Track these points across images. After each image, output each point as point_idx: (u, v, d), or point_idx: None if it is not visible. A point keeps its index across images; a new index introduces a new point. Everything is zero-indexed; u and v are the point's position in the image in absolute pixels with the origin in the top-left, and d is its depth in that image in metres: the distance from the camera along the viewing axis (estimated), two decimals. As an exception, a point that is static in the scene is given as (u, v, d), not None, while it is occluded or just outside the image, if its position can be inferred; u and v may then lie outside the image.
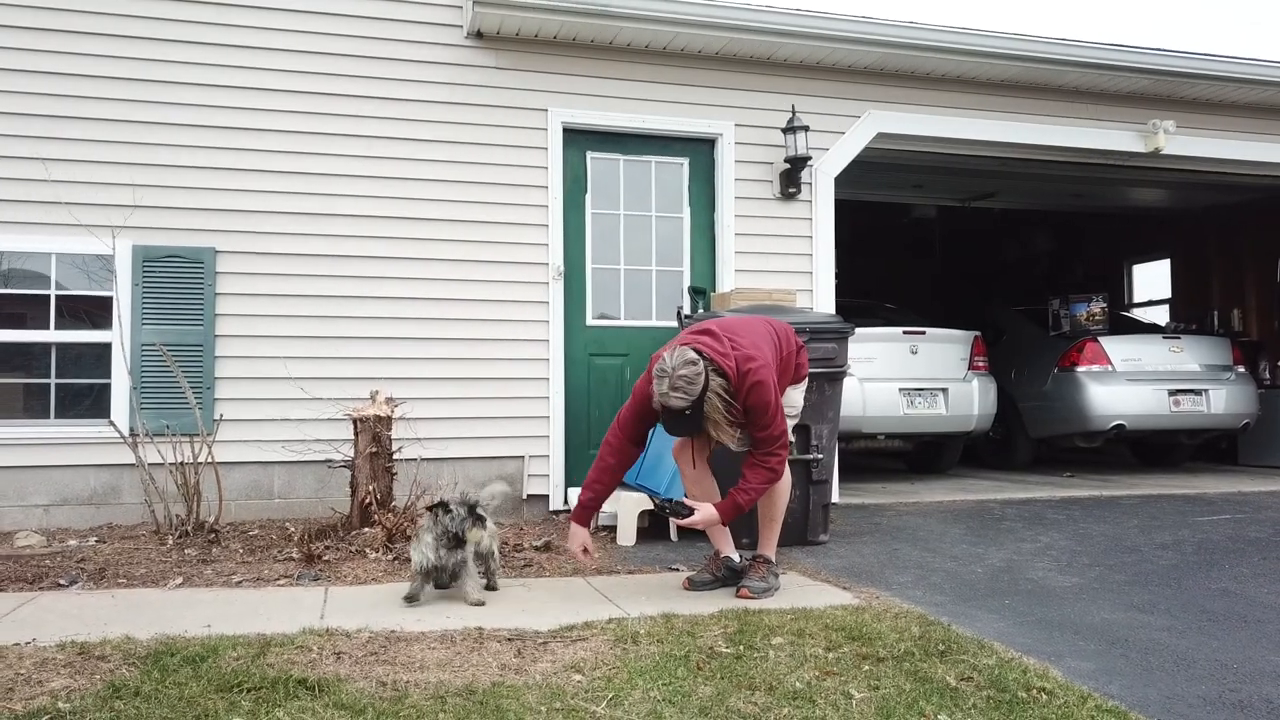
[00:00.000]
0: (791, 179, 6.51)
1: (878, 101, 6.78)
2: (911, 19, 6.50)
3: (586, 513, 4.02)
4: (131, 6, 5.55)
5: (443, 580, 3.87)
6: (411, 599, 3.75)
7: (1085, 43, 6.85)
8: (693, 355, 3.71)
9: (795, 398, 4.33)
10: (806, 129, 6.35)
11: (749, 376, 3.77)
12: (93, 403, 5.44)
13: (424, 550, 3.74)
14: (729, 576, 4.13)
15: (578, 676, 2.85)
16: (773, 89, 6.57)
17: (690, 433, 3.91)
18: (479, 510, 3.81)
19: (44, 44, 5.43)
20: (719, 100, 6.49)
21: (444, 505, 3.77)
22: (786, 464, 4.14)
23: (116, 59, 5.52)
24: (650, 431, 4.14)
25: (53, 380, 5.43)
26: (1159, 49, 7.03)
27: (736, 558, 4.23)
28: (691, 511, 3.93)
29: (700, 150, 6.56)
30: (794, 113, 6.38)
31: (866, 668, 2.99)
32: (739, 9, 6.08)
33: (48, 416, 5.41)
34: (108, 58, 5.51)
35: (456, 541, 3.75)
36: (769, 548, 4.20)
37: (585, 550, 4.01)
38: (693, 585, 4.13)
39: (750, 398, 3.78)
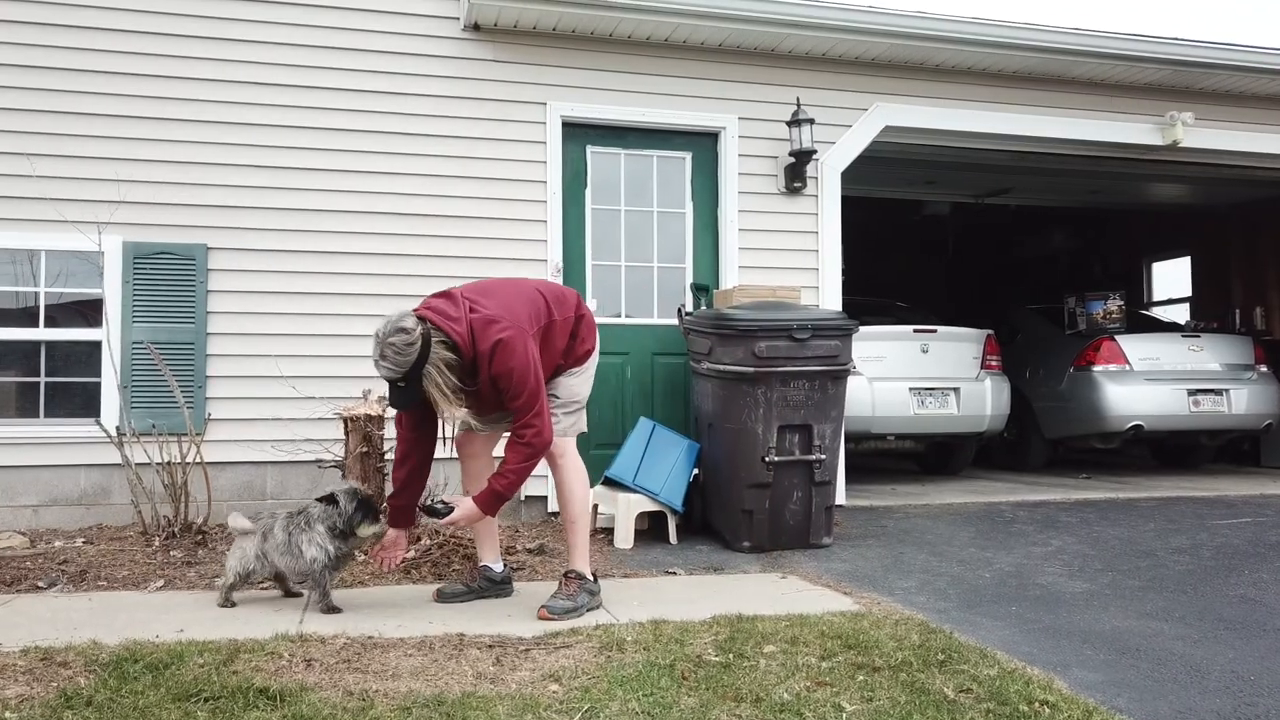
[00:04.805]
0: (797, 173, 6.35)
1: (886, 94, 6.61)
2: (921, 9, 6.31)
3: (398, 514, 3.72)
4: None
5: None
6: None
7: (1101, 33, 6.64)
8: (410, 322, 3.28)
9: (575, 387, 3.79)
10: (812, 122, 6.19)
11: (488, 338, 3.35)
12: (82, 402, 5.35)
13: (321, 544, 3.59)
14: (486, 588, 3.84)
15: (554, 686, 2.71)
16: (777, 81, 6.41)
17: (412, 405, 3.42)
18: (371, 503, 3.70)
19: (19, 37, 5.35)
20: (722, 93, 6.33)
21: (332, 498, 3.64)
22: (576, 453, 3.76)
23: (104, 53, 5.44)
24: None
25: (42, 379, 5.35)
26: (1178, 39, 6.82)
27: (498, 568, 3.91)
28: (451, 509, 3.52)
29: (703, 144, 6.41)
30: (799, 105, 6.22)
31: (861, 678, 2.84)
32: (743, -1, 5.93)
33: (37, 415, 5.33)
34: (94, 51, 5.42)
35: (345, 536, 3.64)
36: (580, 559, 3.74)
37: (395, 550, 3.77)
38: (441, 597, 3.80)
39: (495, 364, 3.37)
